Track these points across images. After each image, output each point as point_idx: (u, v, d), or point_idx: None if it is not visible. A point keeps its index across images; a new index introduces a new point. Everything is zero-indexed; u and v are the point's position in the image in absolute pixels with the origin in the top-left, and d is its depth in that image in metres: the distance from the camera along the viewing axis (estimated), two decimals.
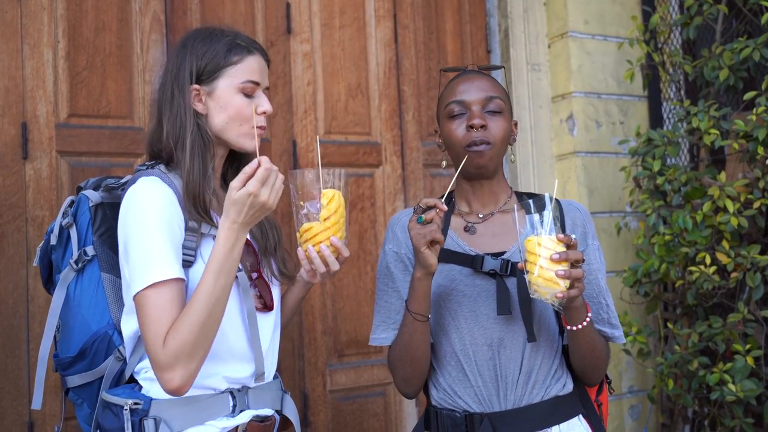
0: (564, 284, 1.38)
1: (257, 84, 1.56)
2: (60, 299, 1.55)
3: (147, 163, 1.57)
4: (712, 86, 2.82)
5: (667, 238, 2.69)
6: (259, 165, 1.39)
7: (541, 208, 1.55)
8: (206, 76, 1.54)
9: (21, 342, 2.25)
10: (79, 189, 1.62)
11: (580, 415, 1.63)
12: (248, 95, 1.55)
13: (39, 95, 2.34)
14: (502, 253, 1.61)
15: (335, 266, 1.52)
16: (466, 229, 1.67)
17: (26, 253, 2.28)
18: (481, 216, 1.67)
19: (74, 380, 1.53)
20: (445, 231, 1.65)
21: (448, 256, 1.62)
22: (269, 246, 1.63)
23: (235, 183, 1.39)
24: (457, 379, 1.61)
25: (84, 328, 1.52)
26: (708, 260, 2.56)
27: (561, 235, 1.40)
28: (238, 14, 2.68)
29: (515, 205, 1.51)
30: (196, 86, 1.54)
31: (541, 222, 1.42)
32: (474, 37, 3.15)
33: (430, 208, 1.48)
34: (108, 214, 1.56)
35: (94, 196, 1.57)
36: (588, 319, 1.50)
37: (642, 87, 3.09)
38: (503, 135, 1.61)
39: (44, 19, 2.37)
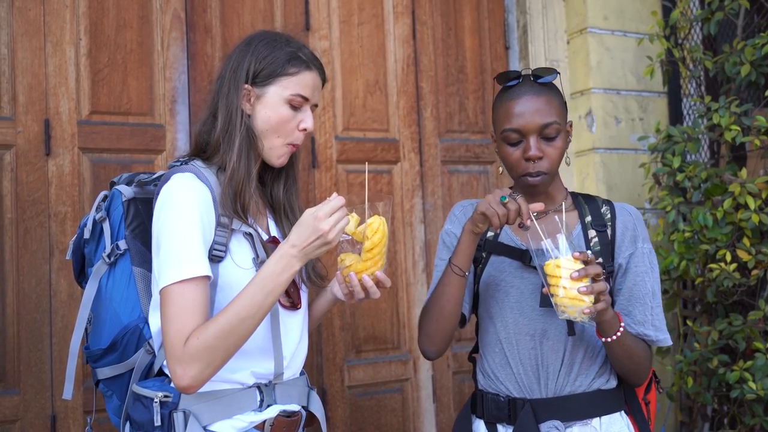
0: (589, 300, 1.42)
1: (306, 99, 1.57)
2: (92, 292, 1.57)
3: (181, 159, 1.59)
4: (733, 82, 2.80)
5: (686, 235, 2.67)
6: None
7: (595, 210, 1.66)
8: (261, 79, 1.55)
9: (44, 336, 2.28)
10: (113, 184, 1.64)
11: (623, 411, 1.67)
12: (295, 108, 1.56)
13: (61, 92, 2.37)
14: None
15: (376, 295, 1.53)
16: (520, 226, 1.71)
17: (49, 249, 2.31)
18: (535, 214, 1.71)
19: (104, 372, 1.55)
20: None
21: (500, 249, 1.69)
22: None
23: (311, 209, 1.42)
24: (500, 365, 1.67)
25: (115, 321, 1.53)
26: (728, 257, 2.54)
27: (576, 253, 1.43)
28: (258, 11, 2.69)
29: (563, 206, 1.58)
30: (248, 86, 1.55)
31: (556, 246, 1.45)
32: (492, 33, 3.14)
33: (519, 206, 1.54)
34: (140, 209, 1.58)
35: (127, 191, 1.59)
36: (620, 330, 1.53)
37: (662, 83, 3.07)
38: (559, 157, 1.64)
39: (66, 16, 2.39)
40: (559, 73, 1.68)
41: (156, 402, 1.44)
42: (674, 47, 2.99)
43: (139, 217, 1.57)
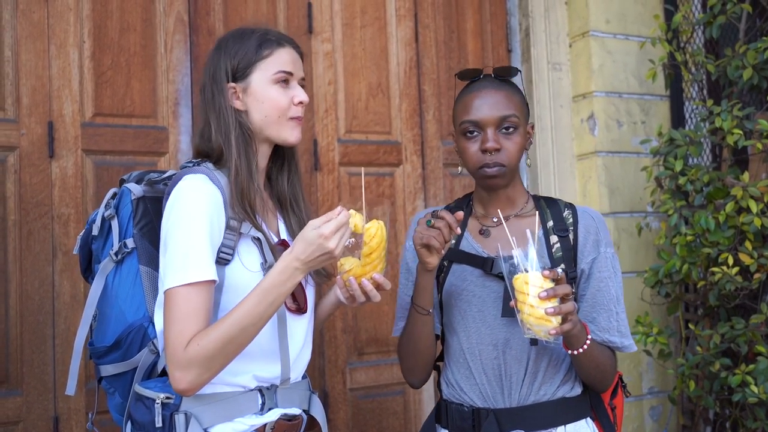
0: (556, 321, 1.38)
1: (290, 74, 1.59)
2: (98, 289, 1.57)
3: (194, 160, 1.59)
4: (735, 86, 2.80)
5: (689, 238, 2.67)
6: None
7: (557, 214, 1.61)
8: (240, 73, 1.57)
9: (47, 338, 2.28)
10: (122, 181, 1.65)
11: (588, 418, 1.65)
12: (283, 86, 1.57)
13: (65, 95, 2.38)
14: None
15: (376, 299, 1.53)
16: (481, 232, 1.69)
17: (52, 251, 2.31)
18: (495, 220, 1.69)
19: (107, 369, 1.56)
20: (461, 232, 1.69)
21: (461, 257, 1.66)
22: None
23: (315, 221, 1.42)
24: (464, 376, 1.65)
25: (120, 319, 1.54)
26: (730, 261, 2.54)
27: (546, 271, 1.39)
28: (261, 14, 2.70)
29: (536, 219, 1.55)
30: (233, 84, 1.57)
31: (526, 256, 1.40)
32: (495, 36, 3.15)
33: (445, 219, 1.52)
34: (149, 208, 1.58)
35: (136, 189, 1.59)
36: (587, 342, 1.51)
37: (664, 86, 3.07)
38: (517, 152, 1.62)
39: (70, 19, 2.40)
40: (520, 72, 1.69)
41: (158, 403, 1.45)
42: (676, 51, 2.99)
43: (148, 215, 1.57)
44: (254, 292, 1.42)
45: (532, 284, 1.38)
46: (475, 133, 1.61)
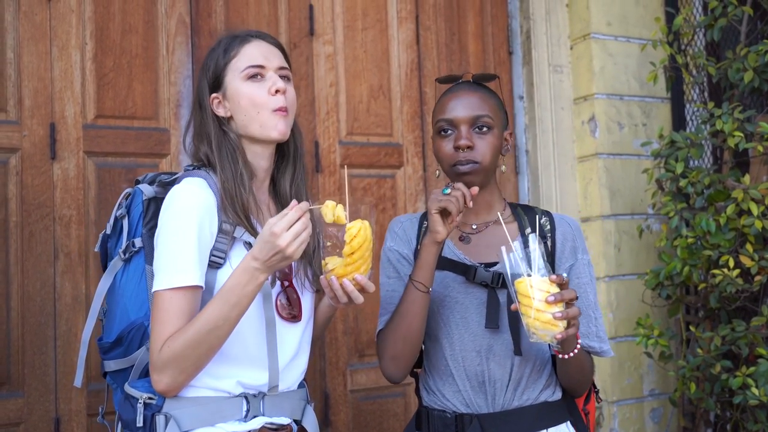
0: (562, 325, 1.39)
1: (261, 67, 1.58)
2: (105, 286, 1.59)
3: (196, 163, 1.61)
4: (736, 88, 2.80)
5: (689, 240, 2.68)
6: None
7: (533, 223, 1.62)
8: (217, 81, 1.60)
9: (48, 339, 2.28)
10: (137, 182, 1.67)
11: (568, 422, 1.67)
12: (256, 81, 1.57)
13: (67, 96, 2.38)
14: (495, 264, 1.65)
15: (358, 300, 1.49)
16: (461, 239, 1.71)
17: (53, 252, 2.32)
18: (475, 227, 1.71)
19: (110, 365, 1.58)
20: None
21: (443, 264, 1.66)
22: (307, 250, 1.59)
23: (272, 220, 1.40)
24: (446, 383, 1.65)
25: (123, 316, 1.56)
26: (731, 263, 2.54)
27: (554, 276, 1.40)
28: (262, 16, 2.70)
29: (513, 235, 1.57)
30: (215, 94, 1.60)
31: (527, 259, 1.40)
32: (496, 38, 3.15)
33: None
34: (160, 209, 1.58)
35: (148, 190, 1.61)
36: (578, 346, 1.52)
37: (665, 89, 3.07)
38: (490, 152, 1.64)
39: (72, 21, 2.41)
40: (498, 77, 1.72)
41: (140, 403, 1.46)
42: (677, 53, 2.99)
43: (158, 216, 1.58)
44: (218, 295, 1.42)
45: (538, 288, 1.38)
46: (450, 132, 1.64)
